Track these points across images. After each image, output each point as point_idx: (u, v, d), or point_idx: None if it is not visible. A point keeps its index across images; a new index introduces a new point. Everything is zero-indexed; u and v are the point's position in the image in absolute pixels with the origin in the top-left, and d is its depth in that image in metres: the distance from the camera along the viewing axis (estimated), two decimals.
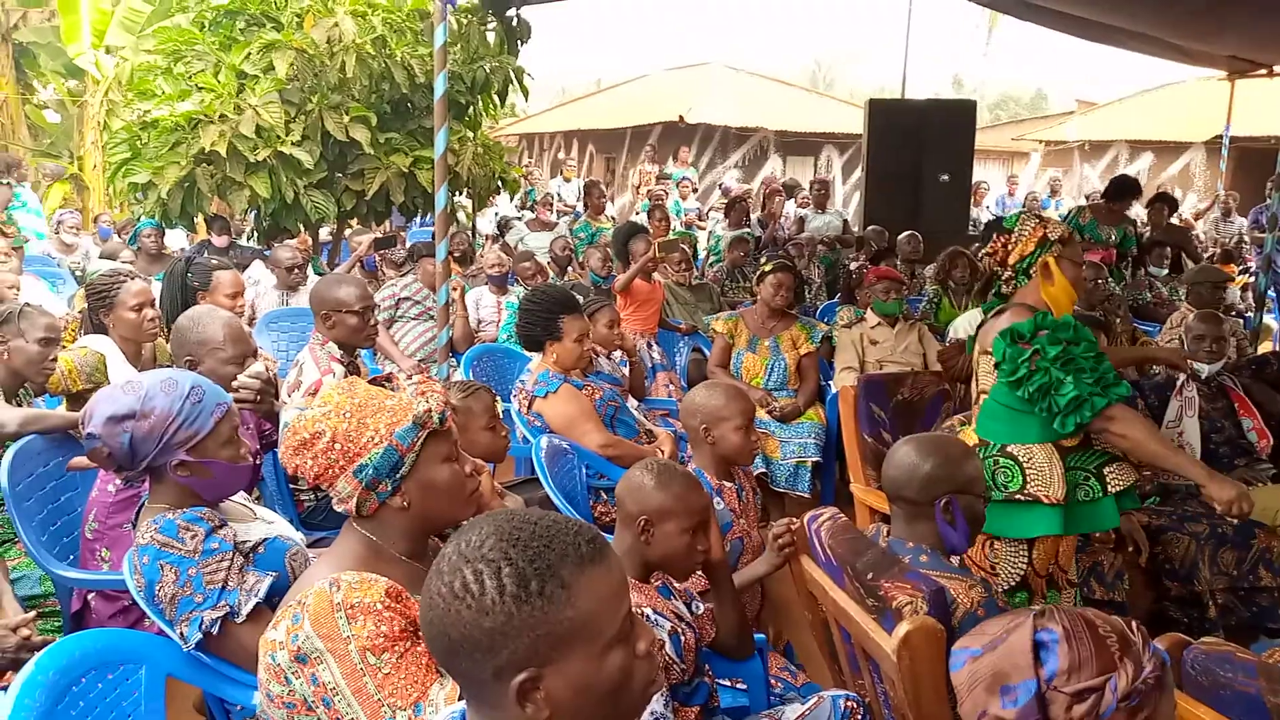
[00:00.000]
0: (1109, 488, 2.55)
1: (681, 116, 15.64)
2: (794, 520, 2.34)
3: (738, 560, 2.52)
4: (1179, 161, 15.63)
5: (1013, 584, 2.57)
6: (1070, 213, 7.25)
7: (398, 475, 1.63)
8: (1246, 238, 9.28)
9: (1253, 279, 6.75)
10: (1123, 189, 6.51)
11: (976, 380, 2.74)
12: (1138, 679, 1.23)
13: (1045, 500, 2.49)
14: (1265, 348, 7.02)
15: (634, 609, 1.86)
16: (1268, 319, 6.84)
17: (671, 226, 9.07)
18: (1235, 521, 3.41)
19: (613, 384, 3.95)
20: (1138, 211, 11.81)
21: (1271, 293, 8.49)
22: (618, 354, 4.43)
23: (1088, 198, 10.11)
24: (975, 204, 10.68)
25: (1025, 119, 23.23)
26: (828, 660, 2.39)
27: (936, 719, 1.79)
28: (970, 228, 9.61)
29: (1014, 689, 1.25)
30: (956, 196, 8.98)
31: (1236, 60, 8.58)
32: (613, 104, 18.92)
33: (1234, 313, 7.14)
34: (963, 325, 5.24)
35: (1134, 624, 1.28)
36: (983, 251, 2.75)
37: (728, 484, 2.65)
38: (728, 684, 2.35)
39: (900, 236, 7.42)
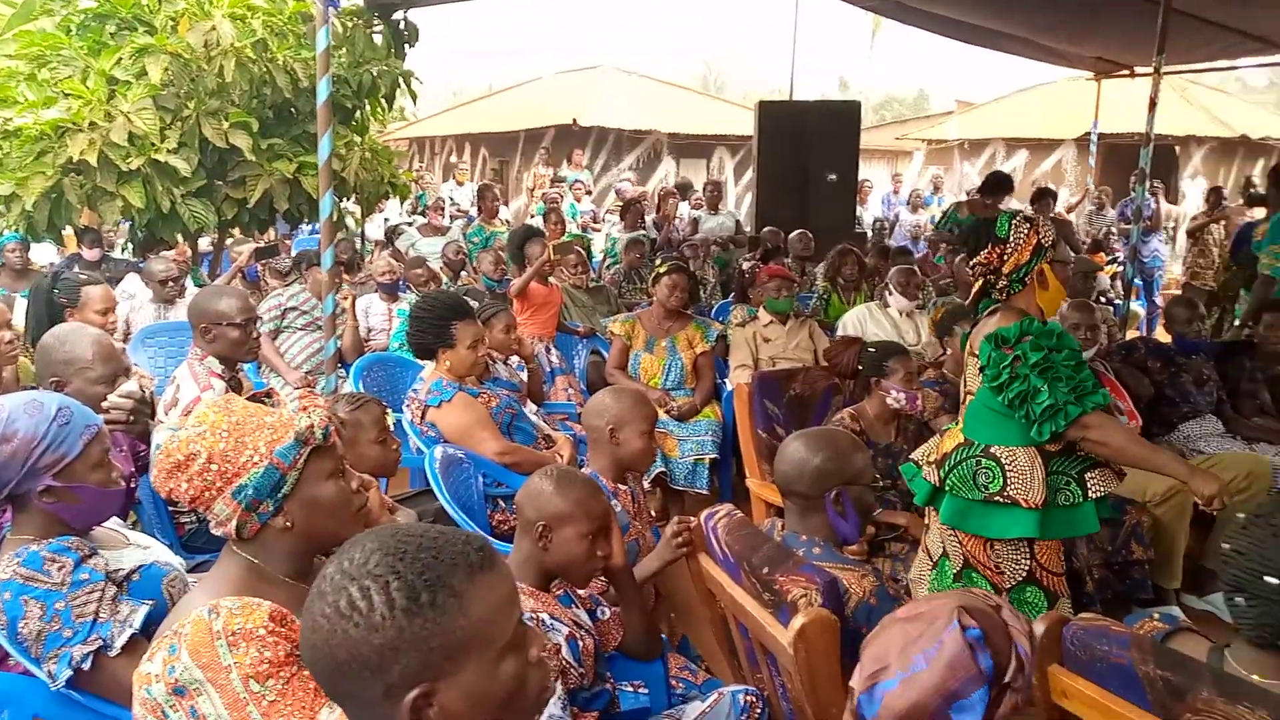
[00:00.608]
0: (1090, 492, 2.56)
1: (575, 120, 15.62)
2: (691, 518, 2.35)
3: (633, 562, 2.53)
4: (1051, 158, 16.37)
5: (1018, 580, 2.59)
6: (949, 208, 7.52)
7: (279, 495, 1.57)
8: (1114, 230, 9.77)
9: (1121, 268, 7.10)
10: (997, 185, 6.79)
11: (964, 381, 2.74)
12: (1027, 659, 1.26)
13: (1024, 504, 2.50)
14: (1133, 334, 7.42)
15: (530, 615, 1.85)
16: (1135, 306, 7.22)
17: (567, 229, 9.05)
18: (1112, 500, 3.60)
19: (510, 390, 3.91)
20: (1014, 205, 12.33)
21: (1138, 280, 8.99)
22: (515, 359, 4.39)
23: (968, 194, 10.48)
24: (861, 203, 10.97)
25: (908, 119, 23.97)
26: (727, 656, 2.42)
27: (832, 708, 1.82)
28: (856, 225, 9.86)
29: (968, 701, 1.24)
30: (843, 195, 9.19)
31: (1102, 61, 9.04)
32: (505, 107, 18.76)
33: (1105, 300, 7.52)
34: (851, 321, 5.40)
35: (1007, 605, 1.32)
36: (975, 261, 2.64)
37: (622, 487, 2.66)
38: (629, 688, 2.34)
39: (791, 235, 7.56)
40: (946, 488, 2.60)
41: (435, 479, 2.82)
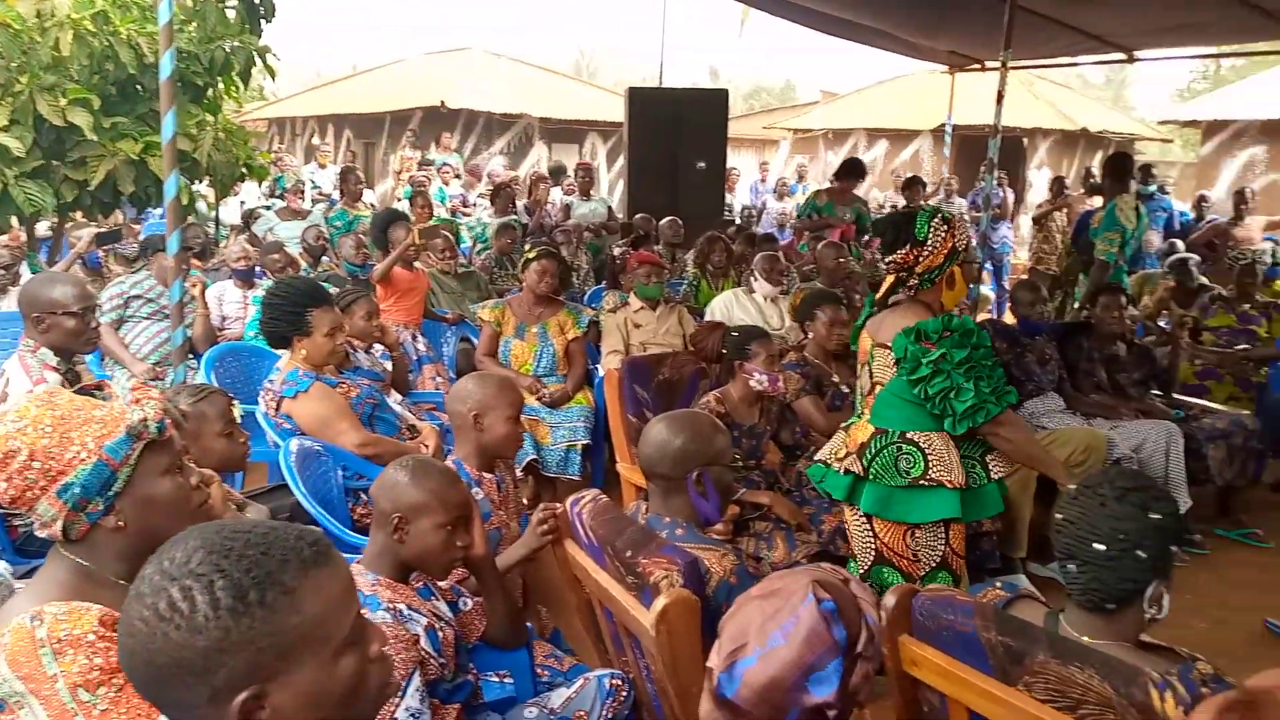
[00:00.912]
0: (991, 474, 2.65)
1: (443, 102, 15.30)
2: (557, 505, 2.34)
3: (495, 551, 2.49)
4: (910, 148, 17.01)
5: (933, 566, 2.63)
6: (809, 196, 7.73)
7: (110, 493, 1.48)
8: (966, 217, 10.22)
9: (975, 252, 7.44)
10: (850, 170, 7.04)
11: (870, 372, 2.73)
12: (876, 629, 1.30)
13: (948, 485, 2.54)
14: (984, 316, 7.80)
15: (387, 606, 1.80)
16: (985, 290, 7.58)
17: (435, 213, 8.86)
18: None
19: (372, 379, 3.80)
20: (877, 193, 12.77)
21: (989, 265, 9.45)
22: (379, 348, 4.27)
23: (829, 181, 10.79)
24: (729, 190, 11.14)
25: (776, 109, 24.47)
26: (594, 642, 2.42)
27: (693, 687, 1.84)
28: (725, 212, 10.01)
29: (823, 673, 1.26)
30: (712, 183, 9.31)
31: (955, 55, 9.42)
32: (370, 88, 18.21)
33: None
34: (719, 306, 5.47)
35: (855, 580, 1.36)
36: (890, 258, 2.62)
37: (488, 475, 2.62)
38: (495, 678, 2.32)
39: (662, 222, 7.61)
40: (871, 477, 2.62)
41: (290, 473, 2.71)
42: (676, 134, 9.10)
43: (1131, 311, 6.22)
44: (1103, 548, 1.69)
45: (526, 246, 5.62)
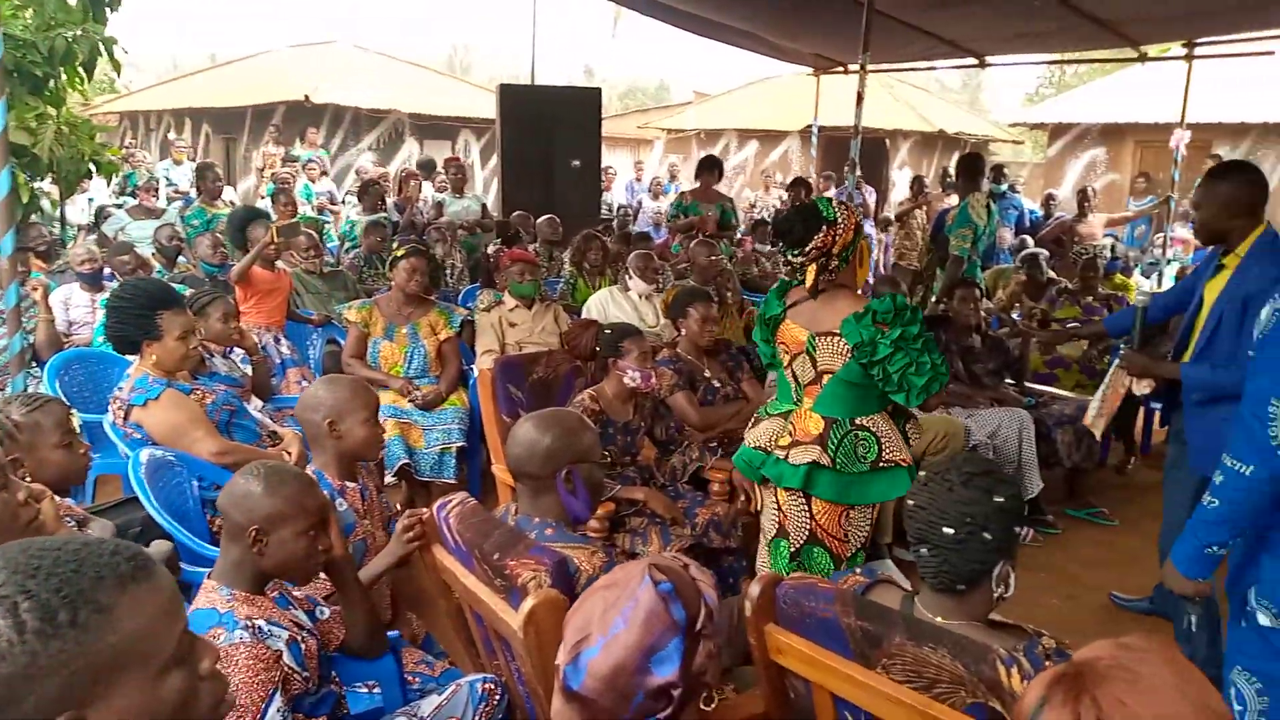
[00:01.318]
0: (910, 441, 2.78)
1: (307, 96, 14.80)
2: (423, 510, 2.29)
3: (361, 562, 2.43)
4: (780, 148, 17.42)
5: (858, 546, 2.72)
6: (676, 198, 7.84)
7: None
8: None
9: None
10: (706, 166, 7.20)
11: (814, 362, 2.74)
12: (714, 607, 1.33)
13: (901, 464, 2.63)
14: None
15: (245, 622, 1.72)
16: None
17: (301, 211, 8.57)
18: None
19: (230, 385, 3.65)
20: (748, 192, 13.01)
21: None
22: (239, 352, 4.10)
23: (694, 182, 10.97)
24: (606, 188, 11.17)
25: (650, 108, 24.68)
26: (466, 647, 2.38)
27: None
28: (603, 210, 10.03)
29: (664, 653, 1.27)
30: (588, 181, 9.32)
31: (820, 58, 9.68)
32: (231, 81, 17.48)
33: None
34: (595, 304, 5.48)
35: (694, 563, 1.38)
36: (810, 246, 2.65)
37: (350, 484, 2.54)
38: (363, 688, 2.26)
39: (540, 220, 7.57)
40: (836, 466, 2.65)
41: (140, 485, 2.57)
42: (550, 132, 9.07)
43: (987, 304, 6.55)
44: (951, 531, 1.76)
45: (395, 244, 5.49)
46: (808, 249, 2.65)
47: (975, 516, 1.76)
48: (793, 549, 2.76)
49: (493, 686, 2.09)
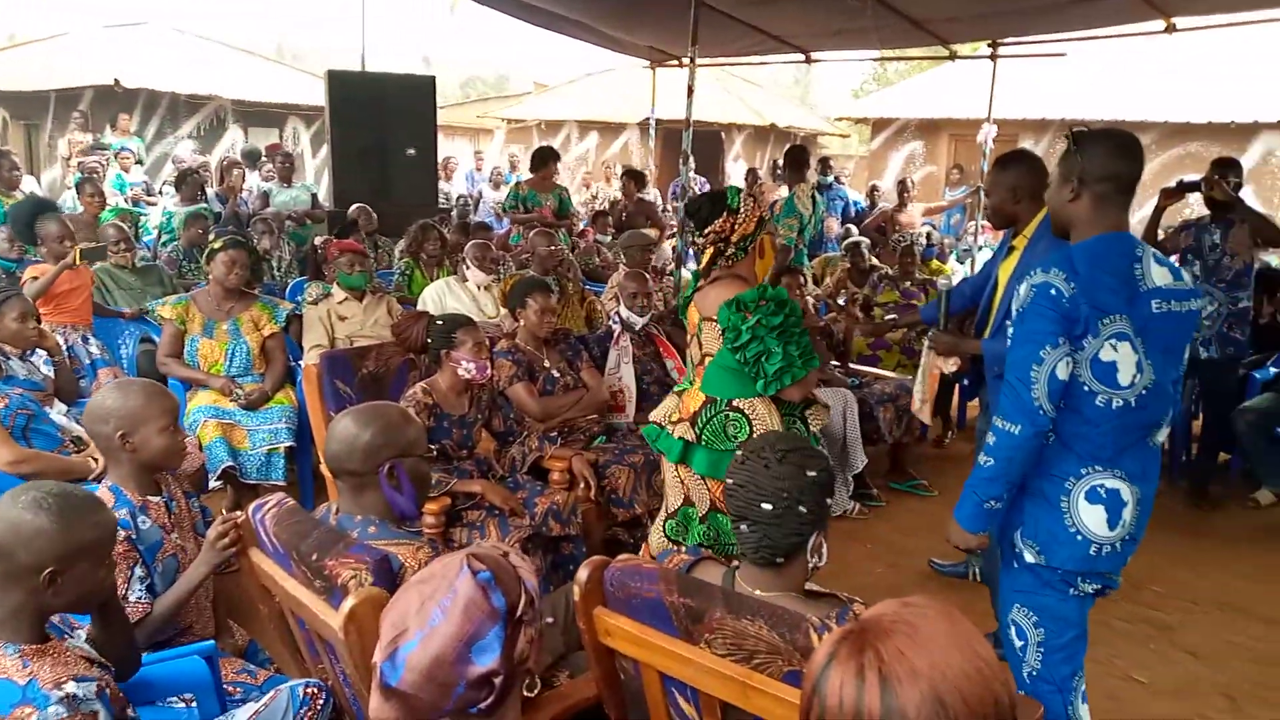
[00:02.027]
0: (811, 427, 2.90)
1: (117, 80, 13.83)
2: (238, 514, 2.20)
3: (173, 579, 2.29)
4: (619, 140, 17.56)
5: None
6: (513, 186, 7.80)
7: None
8: (669, 207, 10.69)
9: (673, 239, 7.81)
10: (541, 158, 7.21)
11: (700, 344, 2.92)
12: (535, 594, 1.33)
13: None
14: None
15: (56, 691, 1.53)
16: (686, 273, 7.98)
17: (112, 203, 8.02)
18: None
19: (29, 388, 3.40)
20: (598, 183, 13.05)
21: (690, 252, 9.95)
22: (41, 353, 3.81)
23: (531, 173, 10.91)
24: (445, 178, 10.95)
25: (490, 98, 24.37)
26: (290, 652, 2.30)
27: None
28: (440, 200, 9.84)
29: (485, 642, 1.26)
30: (424, 170, 9.11)
31: (655, 51, 9.79)
32: (32, 63, 16.07)
33: (668, 269, 8.22)
34: (431, 296, 5.38)
35: (515, 551, 1.38)
36: (708, 229, 2.82)
37: (153, 498, 2.35)
38: (180, 703, 2.15)
39: (351, 208, 7.35)
40: (703, 443, 2.82)
41: None
42: (383, 120, 8.80)
43: (814, 290, 6.81)
44: (769, 507, 1.84)
45: (211, 236, 5.22)
46: (706, 231, 2.84)
47: (790, 491, 1.84)
48: (700, 514, 2.93)
49: (316, 690, 2.02)
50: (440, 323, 3.50)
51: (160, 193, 10.29)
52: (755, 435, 2.75)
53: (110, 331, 5.16)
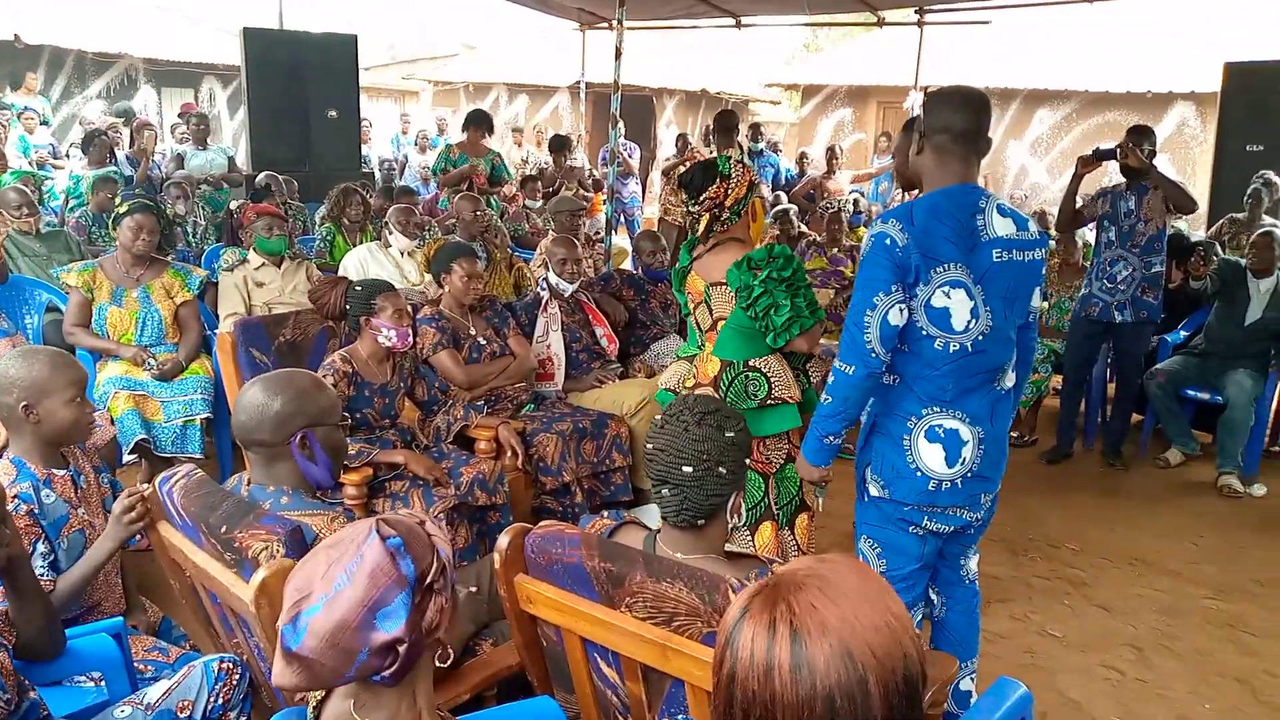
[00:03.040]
0: (812, 378, 3.05)
1: (17, 35, 13.15)
2: (144, 486, 2.12)
3: (80, 555, 2.21)
4: (550, 104, 17.34)
5: (780, 462, 2.99)
6: (443, 149, 7.64)
7: None
8: (597, 173, 10.61)
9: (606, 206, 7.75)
10: (474, 120, 7.09)
11: (710, 310, 3.02)
12: (449, 562, 1.31)
13: (789, 400, 2.89)
14: (626, 266, 8.18)
15: None
16: (617, 240, 7.94)
17: (15, 166, 7.65)
18: (593, 415, 3.94)
19: None
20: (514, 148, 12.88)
21: (621, 219, 9.91)
22: None
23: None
24: (366, 142, 10.68)
25: (417, 59, 23.78)
26: (204, 627, 2.24)
27: None
28: (363, 164, 9.60)
29: (390, 608, 1.24)
30: (346, 133, 8.88)
31: (585, 13, 9.66)
32: None
33: (599, 236, 8.17)
34: (352, 262, 5.25)
35: (430, 519, 1.35)
36: (704, 196, 2.94)
37: (59, 471, 2.27)
38: (89, 681, 2.08)
39: (262, 176, 7.14)
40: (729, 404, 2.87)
41: None
42: (303, 80, 8.53)
43: None
44: (690, 469, 1.83)
45: (118, 201, 5.01)
46: (702, 199, 2.95)
47: (710, 453, 1.84)
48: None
49: (231, 665, 1.97)
50: (360, 289, 3.41)
51: (67, 155, 9.85)
52: (775, 392, 2.92)
53: (13, 300, 4.94)
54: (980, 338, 2.24)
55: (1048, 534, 4.21)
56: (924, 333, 2.24)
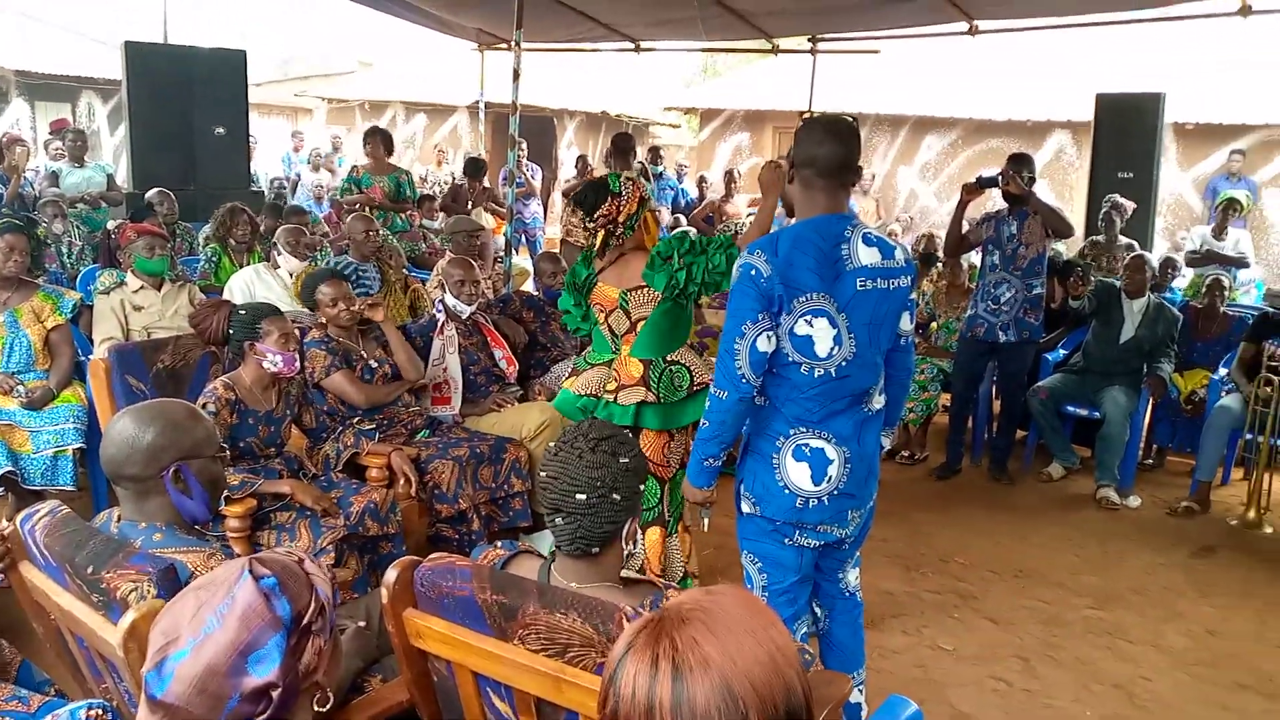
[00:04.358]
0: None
1: None
2: (5, 524, 1.98)
3: None
4: (449, 123, 17.15)
5: (677, 467, 3.23)
6: (349, 172, 7.49)
7: None
8: (501, 191, 10.53)
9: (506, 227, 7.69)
10: (376, 136, 7.02)
11: (627, 314, 3.20)
12: (328, 602, 1.26)
13: (708, 383, 2.85)
14: (526, 287, 8.12)
15: None
16: (517, 260, 7.89)
17: None
18: (491, 440, 3.88)
19: None
20: (415, 167, 12.71)
21: (522, 240, 9.86)
22: None
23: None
24: (249, 159, 10.35)
25: (311, 76, 23.26)
26: (71, 672, 2.10)
27: None
28: (253, 183, 9.33)
29: (263, 651, 1.18)
30: (234, 151, 8.59)
31: (483, 33, 9.62)
32: None
33: (499, 257, 8.09)
34: (238, 284, 5.07)
35: (309, 557, 1.30)
36: (598, 214, 3.12)
37: None
38: None
39: (149, 193, 6.87)
40: (661, 400, 3.14)
41: None
42: (189, 96, 8.23)
43: None
44: (584, 497, 1.80)
45: None
46: (596, 216, 3.12)
47: (604, 480, 1.81)
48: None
49: (100, 712, 1.84)
50: (244, 312, 3.29)
51: None
52: (696, 379, 3.16)
53: None
54: (844, 363, 2.33)
55: (938, 549, 4.33)
56: (790, 359, 2.33)
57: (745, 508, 2.49)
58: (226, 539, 2.89)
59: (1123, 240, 6.55)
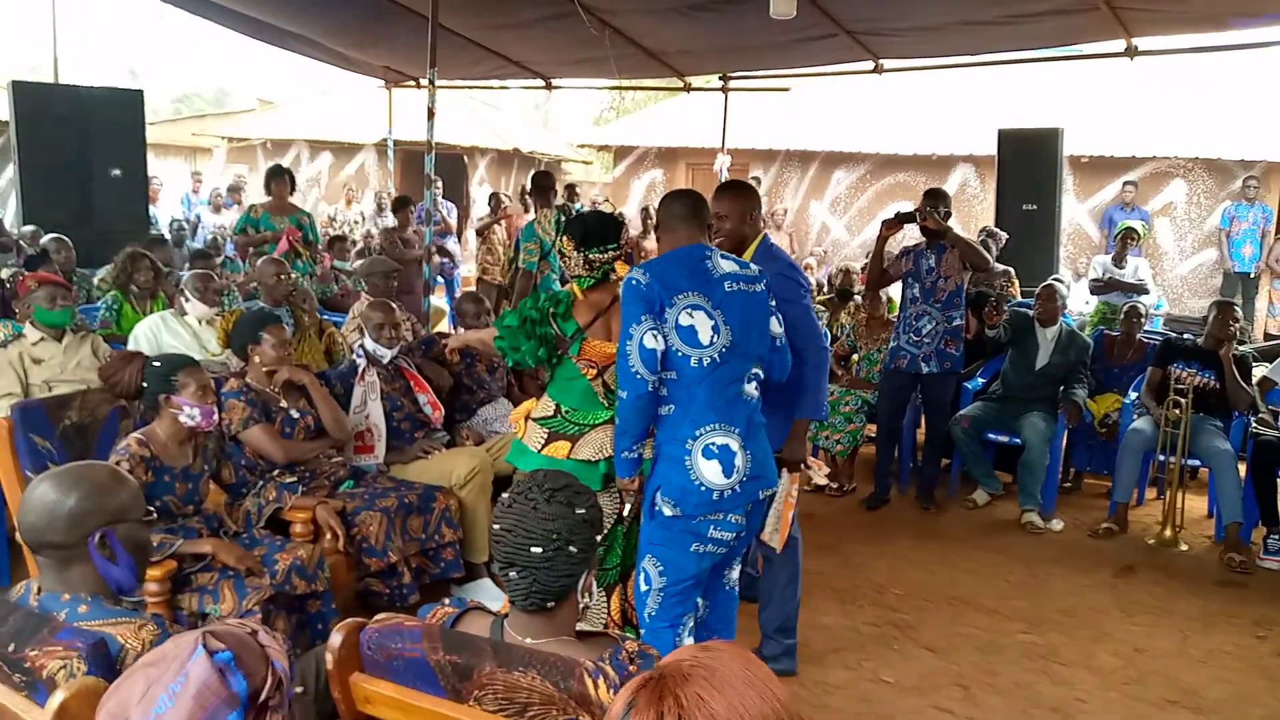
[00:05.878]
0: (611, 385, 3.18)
1: None
2: None
3: None
4: (355, 161, 16.88)
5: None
6: (245, 211, 7.30)
7: None
8: (415, 230, 10.38)
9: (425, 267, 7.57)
10: (278, 174, 6.88)
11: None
12: (285, 675, 1.19)
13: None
14: (442, 328, 8.00)
15: None
16: (437, 301, 7.78)
17: None
18: (419, 489, 3.78)
19: None
20: (320, 206, 12.46)
21: (439, 279, 9.72)
22: None
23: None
24: (153, 201, 10.02)
25: (209, 115, 22.69)
26: None
27: None
28: (152, 225, 9.01)
29: None
30: (132, 192, 8.30)
31: (391, 71, 9.53)
32: None
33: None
34: (143, 333, 4.84)
35: (264, 629, 1.23)
36: (614, 246, 3.17)
37: None
38: None
39: (45, 239, 6.56)
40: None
41: None
42: (83, 137, 7.95)
43: None
44: (540, 550, 1.75)
45: None
46: (611, 246, 3.14)
47: (560, 532, 1.77)
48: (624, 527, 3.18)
49: None
50: (158, 364, 3.13)
51: None
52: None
53: None
54: (724, 349, 2.68)
55: (873, 580, 4.36)
56: (679, 353, 2.64)
57: (667, 511, 2.68)
58: (145, 604, 2.72)
59: (999, 266, 6.78)
